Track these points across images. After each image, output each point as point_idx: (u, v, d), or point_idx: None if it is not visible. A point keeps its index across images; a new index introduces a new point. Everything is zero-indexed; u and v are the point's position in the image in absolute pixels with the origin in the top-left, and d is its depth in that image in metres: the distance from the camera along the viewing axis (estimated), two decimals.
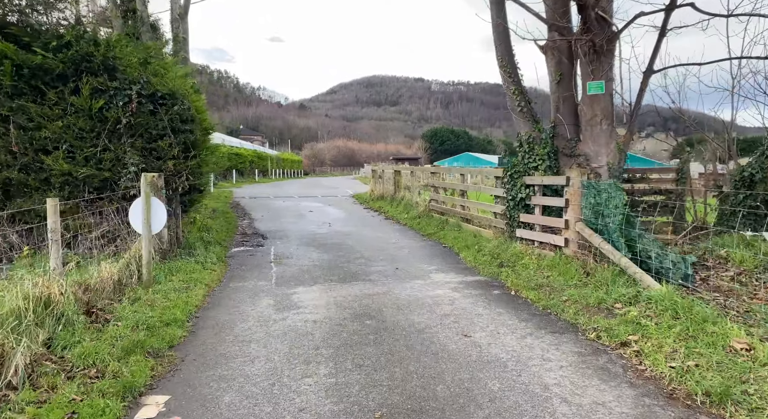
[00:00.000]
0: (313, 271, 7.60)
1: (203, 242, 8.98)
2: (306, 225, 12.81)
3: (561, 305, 5.51)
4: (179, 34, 16.14)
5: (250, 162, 47.63)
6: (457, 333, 4.86)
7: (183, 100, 8.08)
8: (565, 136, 7.97)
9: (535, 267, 6.86)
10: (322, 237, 10.89)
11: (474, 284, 6.74)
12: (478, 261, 7.83)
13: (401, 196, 15.75)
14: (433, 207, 12.18)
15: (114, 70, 7.43)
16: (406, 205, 14.62)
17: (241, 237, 11.06)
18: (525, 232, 7.73)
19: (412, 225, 12.17)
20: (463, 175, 10.49)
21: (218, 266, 7.79)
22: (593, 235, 6.25)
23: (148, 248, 6.01)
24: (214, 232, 10.67)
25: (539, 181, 7.42)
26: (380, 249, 9.30)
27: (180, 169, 7.87)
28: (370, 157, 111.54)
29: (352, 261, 8.27)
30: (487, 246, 8.28)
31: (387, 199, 17.26)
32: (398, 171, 16.71)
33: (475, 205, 9.92)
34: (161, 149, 7.70)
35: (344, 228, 12.19)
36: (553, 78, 8.00)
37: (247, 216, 15.22)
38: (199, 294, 6.18)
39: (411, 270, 7.66)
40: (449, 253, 8.86)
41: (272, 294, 6.38)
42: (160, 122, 7.69)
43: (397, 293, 6.32)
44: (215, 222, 12.37)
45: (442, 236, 10.13)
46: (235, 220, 13.81)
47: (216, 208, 16.46)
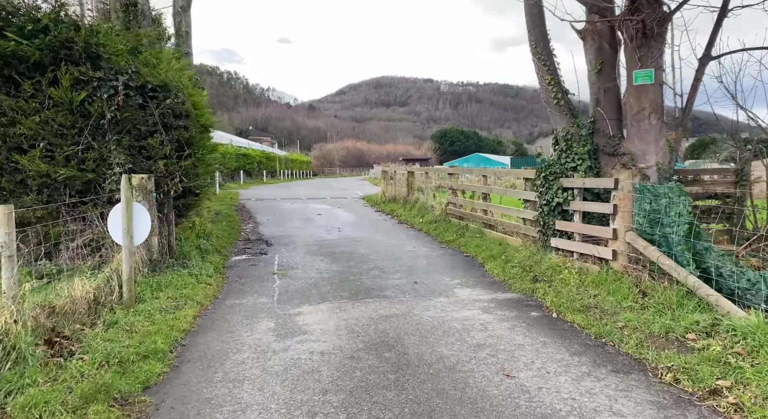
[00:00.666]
0: (320, 285, 6.72)
1: (200, 251, 8.14)
2: (314, 230, 11.95)
3: (618, 333, 4.58)
4: (181, 28, 15.38)
5: (258, 163, 46.97)
6: (496, 371, 3.95)
7: (177, 92, 7.26)
8: (606, 133, 7.02)
9: (578, 284, 5.92)
10: (331, 243, 10.02)
11: (507, 303, 5.82)
12: (507, 274, 6.91)
13: (415, 198, 14.85)
14: (451, 211, 11.26)
15: (98, 59, 6.62)
16: (420, 208, 13.71)
17: (244, 243, 10.22)
18: (561, 242, 6.79)
19: (428, 230, 11.26)
20: (485, 177, 9.56)
21: (215, 279, 6.94)
22: (649, 248, 5.31)
23: (130, 262, 5.16)
24: (214, 238, 9.84)
25: (580, 184, 6.48)
26: (395, 259, 8.40)
27: (172, 170, 7.03)
28: (380, 157, 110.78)
29: (364, 273, 7.39)
30: (516, 257, 7.36)
31: (399, 201, 16.37)
32: (411, 172, 15.81)
33: (500, 210, 8.98)
34: (151, 147, 6.87)
35: (355, 234, 11.31)
36: (593, 67, 7.06)
37: (252, 219, 14.40)
38: (189, 314, 5.32)
39: (431, 284, 6.76)
40: (472, 264, 7.94)
41: (273, 314, 5.51)
42: (150, 117, 6.86)
43: (418, 314, 5.42)
44: (217, 227, 11.55)
45: (462, 244, 9.21)
46: (238, 224, 12.99)
47: (220, 210, 15.67)
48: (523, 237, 7.92)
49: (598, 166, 6.96)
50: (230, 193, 25.80)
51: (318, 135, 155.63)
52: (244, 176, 42.92)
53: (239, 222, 13.49)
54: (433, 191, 14.90)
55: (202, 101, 9.19)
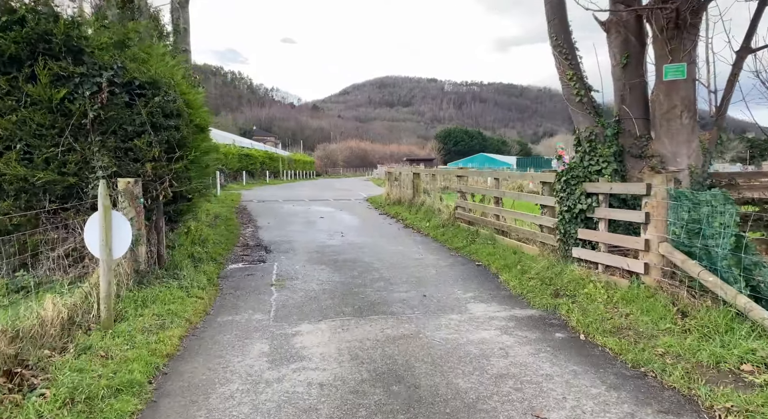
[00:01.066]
0: (321, 299, 6.18)
1: (193, 260, 7.61)
2: (316, 235, 11.41)
3: (658, 361, 4.01)
4: (180, 25, 14.88)
5: (261, 163, 46.50)
6: (524, 411, 3.39)
7: (167, 90, 6.73)
8: (632, 133, 6.45)
9: (605, 301, 5.35)
10: (333, 250, 9.48)
11: (527, 322, 5.26)
12: (525, 287, 6.34)
13: (421, 201, 14.29)
14: (460, 215, 10.70)
15: (80, 53, 6.09)
16: (426, 211, 13.15)
17: (242, 249, 9.69)
18: (585, 252, 6.22)
19: (436, 236, 10.70)
20: (498, 180, 8.98)
21: (207, 291, 6.41)
22: (688, 261, 4.74)
23: (108, 277, 4.62)
24: (211, 245, 9.31)
25: (606, 189, 5.91)
26: (402, 268, 7.84)
27: (162, 174, 6.51)
28: (383, 157, 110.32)
29: (368, 285, 6.84)
30: (534, 267, 6.79)
31: (405, 203, 15.81)
32: (417, 173, 15.25)
33: (514, 215, 8.41)
34: (139, 149, 6.35)
35: (359, 239, 10.76)
36: (618, 61, 6.49)
37: (252, 223, 13.88)
38: (175, 335, 4.78)
39: (442, 297, 6.20)
40: (486, 274, 7.37)
41: (269, 334, 4.97)
42: (137, 116, 6.34)
43: (429, 335, 4.87)
44: (214, 232, 11.03)
45: (473, 251, 8.65)
46: (237, 228, 12.46)
47: (219, 213, 15.16)
48: (540, 245, 7.35)
49: (623, 170, 6.38)
50: (232, 194, 25.31)
51: (321, 135, 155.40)
52: (247, 177, 42.46)
53: (238, 226, 12.97)
54: (440, 193, 14.34)
55: (197, 100, 8.66)
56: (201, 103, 9.44)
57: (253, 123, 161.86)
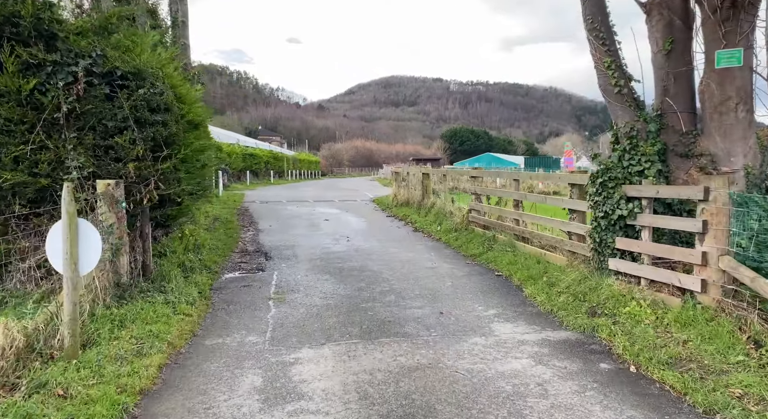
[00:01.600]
0: (325, 317, 5.46)
1: (184, 269, 6.92)
2: (320, 240, 10.70)
3: (737, 407, 3.26)
4: (178, 18, 14.23)
5: (266, 163, 45.92)
6: None
7: (154, 81, 6.04)
8: (676, 129, 5.69)
9: (654, 323, 4.60)
10: (338, 257, 8.76)
11: (563, 347, 4.52)
12: (554, 303, 5.60)
13: (431, 202, 13.55)
14: (474, 218, 9.95)
15: (53, 38, 5.41)
16: (437, 214, 12.41)
17: (240, 256, 9.00)
18: (624, 264, 5.47)
19: (449, 241, 9.96)
20: (517, 181, 8.22)
21: (197, 307, 5.71)
22: (759, 280, 3.99)
23: (74, 298, 3.92)
24: (206, 251, 8.62)
25: (651, 193, 5.15)
26: (414, 279, 7.11)
27: (146, 174, 5.81)
28: (389, 157, 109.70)
29: (378, 299, 6.12)
30: (563, 280, 6.05)
31: (413, 205, 15.08)
32: (427, 174, 14.50)
33: (538, 221, 7.65)
34: (121, 147, 5.66)
35: (366, 244, 10.04)
36: (660, 47, 5.72)
37: (253, 225, 13.19)
38: (154, 364, 4.08)
39: (462, 315, 5.47)
40: (508, 287, 6.63)
41: (263, 362, 4.26)
42: (119, 111, 5.65)
43: (450, 365, 4.14)
44: (212, 236, 10.35)
45: (491, 259, 7.90)
46: (237, 232, 11.78)
47: (219, 215, 14.49)
48: (568, 254, 6.60)
49: (667, 170, 5.62)
50: (235, 195, 24.67)
51: (327, 134, 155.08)
52: (251, 177, 41.88)
53: (238, 229, 12.29)
54: (451, 195, 13.61)
55: (191, 94, 7.97)
56: (195, 98, 8.76)
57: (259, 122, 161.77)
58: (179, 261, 7.15)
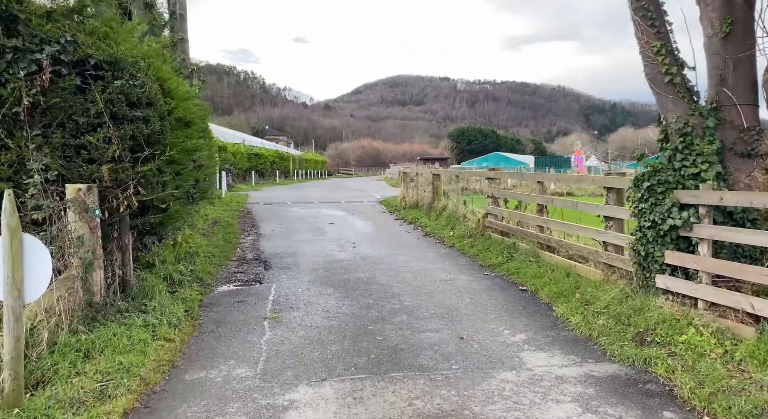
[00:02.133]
0: (327, 342, 4.72)
1: (171, 283, 6.21)
2: (324, 246, 9.97)
3: None
4: (176, 11, 13.55)
5: (271, 163, 45.33)
6: None
7: (134, 72, 5.33)
8: (736, 125, 4.89)
9: (722, 357, 3.82)
10: (343, 266, 8.02)
11: (613, 386, 3.75)
12: (592, 325, 4.83)
13: (442, 205, 12.78)
14: (491, 224, 9.17)
15: (13, 22, 4.70)
16: (449, 217, 11.64)
17: (237, 264, 8.29)
18: (676, 283, 4.68)
19: (463, 248, 9.19)
20: (542, 183, 7.43)
21: (181, 329, 4.99)
22: None
23: (17, 332, 3.20)
24: (200, 260, 7.93)
25: (713, 200, 4.37)
26: (428, 294, 6.36)
27: (124, 178, 5.10)
28: (396, 157, 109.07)
29: (387, 319, 5.37)
30: (601, 298, 5.27)
31: (423, 208, 14.32)
32: (437, 174, 13.73)
33: (567, 228, 6.85)
34: (94, 147, 4.95)
35: (373, 252, 9.30)
36: (717, 30, 4.92)
37: (255, 229, 12.49)
38: (117, 410, 3.37)
39: (485, 341, 4.71)
40: (535, 304, 5.86)
41: (251, 406, 3.53)
42: (92, 105, 4.94)
43: (477, 412, 3.38)
44: (209, 242, 9.66)
45: (513, 270, 7.13)
46: (237, 237, 11.08)
47: (220, 218, 13.82)
48: (604, 268, 5.82)
49: (726, 173, 4.82)
50: (238, 196, 24.04)
51: (334, 134, 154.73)
52: (256, 177, 41.29)
53: (238, 234, 11.58)
54: (463, 197, 12.83)
55: (182, 89, 7.27)
56: (187, 93, 8.05)
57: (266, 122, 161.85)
58: (167, 273, 6.44)
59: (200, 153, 9.67)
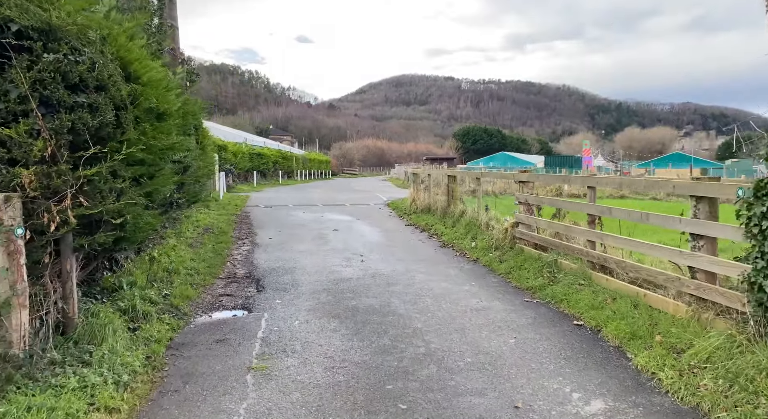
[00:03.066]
0: (329, 412, 3.41)
1: (133, 317, 4.91)
2: (327, 259, 8.66)
3: None
4: None
5: (274, 162, 44.10)
6: None
7: (78, 45, 4.04)
8: None
9: None
10: (351, 288, 6.71)
11: None
12: (696, 388, 3.48)
13: (459, 210, 11.45)
14: (523, 235, 7.83)
15: None
16: (469, 225, 10.31)
17: (224, 284, 7.00)
18: None
19: (490, 263, 7.85)
20: (593, 189, 6.04)
21: (133, 391, 3.69)
22: None
23: None
24: (180, 279, 6.65)
25: None
26: (459, 330, 5.02)
27: (59, 185, 3.80)
28: (401, 156, 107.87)
29: (410, 373, 4.04)
30: (696, 345, 3.92)
31: (436, 212, 12.99)
32: (453, 176, 12.37)
33: (631, 245, 5.47)
34: (15, 143, 3.66)
35: (385, 267, 7.98)
36: None
37: (251, 237, 11.20)
38: None
39: (551, 412, 3.38)
40: (600, 347, 4.52)
41: None
42: (11, 86, 3.65)
43: None
44: (195, 255, 8.38)
45: (560, 296, 5.79)
46: (229, 247, 9.79)
47: (213, 224, 12.56)
48: (692, 301, 4.46)
49: None
50: (238, 197, 22.80)
51: (338, 134, 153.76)
52: (258, 177, 40.09)
53: (231, 243, 10.30)
54: (484, 201, 11.49)
55: (154, 74, 5.95)
56: (166, 81, 6.80)
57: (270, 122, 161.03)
58: (131, 302, 5.13)
59: (186, 153, 8.40)
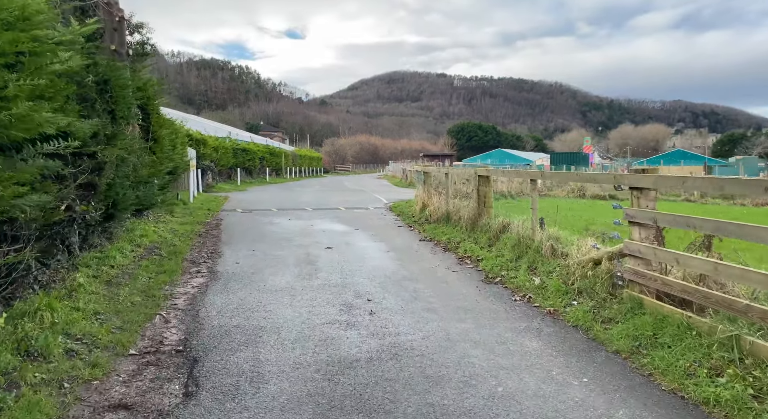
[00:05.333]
0: None
1: None
2: (316, 308, 5.57)
3: None
4: None
5: (261, 159, 40.74)
6: None
7: None
8: None
9: None
10: (359, 390, 3.62)
11: None
12: None
13: (497, 224, 8.37)
14: (640, 277, 4.77)
15: None
16: (516, 247, 7.26)
17: (130, 373, 3.87)
18: None
19: (588, 325, 4.76)
20: None
21: None
22: None
23: None
24: (47, 370, 3.52)
25: None
26: None
27: None
28: (394, 153, 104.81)
29: None
30: None
31: (460, 224, 9.94)
32: (485, 177, 9.29)
33: None
34: None
35: (411, 330, 4.90)
36: None
37: (211, 261, 8.07)
38: None
39: None
40: None
41: None
42: None
43: None
44: (107, 304, 5.26)
45: None
46: (172, 282, 6.65)
47: (164, 240, 9.43)
48: None
49: None
50: (215, 199, 19.60)
51: (330, 130, 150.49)
52: (244, 175, 36.82)
53: (179, 273, 7.14)
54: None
55: None
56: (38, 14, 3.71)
57: (261, 118, 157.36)
58: None
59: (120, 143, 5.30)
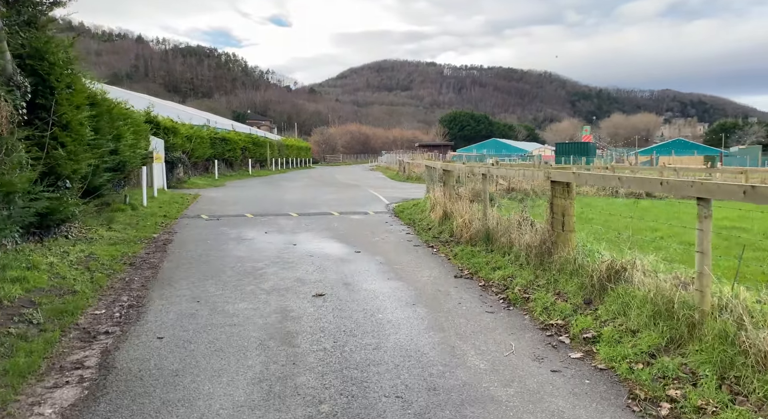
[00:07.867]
0: None
1: None
2: None
3: None
4: None
5: (242, 149, 37.05)
6: None
7: None
8: None
9: None
10: None
11: None
12: None
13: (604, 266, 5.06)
14: None
15: None
16: (642, 308, 3.99)
17: None
18: None
19: None
20: None
21: None
22: None
23: None
24: None
25: None
26: None
27: None
28: (386, 143, 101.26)
29: None
30: None
31: (512, 250, 6.66)
32: (565, 183, 5.98)
33: None
34: None
35: None
36: None
37: (118, 329, 4.71)
38: None
39: None
40: None
41: None
42: None
43: None
44: None
45: None
46: (23, 392, 3.27)
47: (62, 282, 6.04)
48: None
49: None
50: (180, 198, 16.07)
51: (319, 119, 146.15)
52: (224, 167, 33.22)
53: (22, 385, 3.77)
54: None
55: None
56: None
57: (248, 106, 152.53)
58: None
59: None
